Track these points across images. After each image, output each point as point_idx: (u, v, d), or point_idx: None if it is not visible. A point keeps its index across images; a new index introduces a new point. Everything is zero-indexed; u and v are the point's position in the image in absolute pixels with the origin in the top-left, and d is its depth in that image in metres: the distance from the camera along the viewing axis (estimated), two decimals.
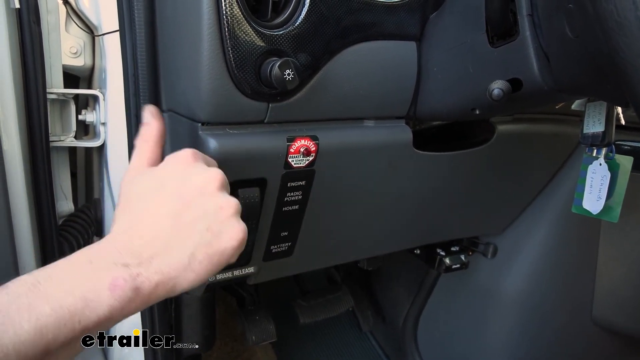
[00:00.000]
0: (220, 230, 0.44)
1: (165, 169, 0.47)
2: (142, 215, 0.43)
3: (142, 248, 0.41)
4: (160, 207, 0.43)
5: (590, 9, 0.39)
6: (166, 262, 0.42)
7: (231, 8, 0.50)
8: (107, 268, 0.39)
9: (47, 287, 0.37)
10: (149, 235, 0.42)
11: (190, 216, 0.43)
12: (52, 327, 0.36)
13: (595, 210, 0.70)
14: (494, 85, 0.53)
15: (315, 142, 0.62)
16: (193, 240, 0.43)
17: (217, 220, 0.44)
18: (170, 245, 0.42)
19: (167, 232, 0.42)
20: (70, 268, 0.39)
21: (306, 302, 1.16)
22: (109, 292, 0.39)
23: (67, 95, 0.78)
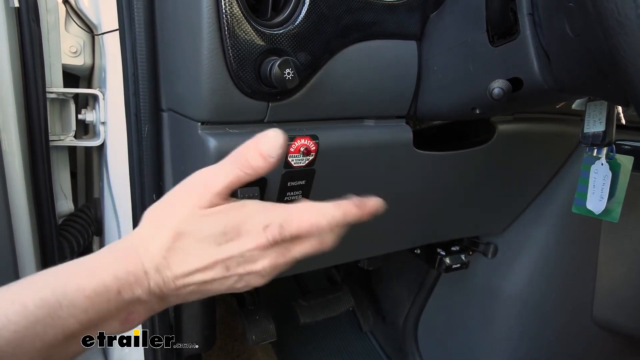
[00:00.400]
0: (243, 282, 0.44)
1: (243, 232, 0.42)
2: (188, 261, 0.41)
3: (169, 291, 0.41)
4: (206, 268, 0.41)
5: (590, 7, 0.39)
6: (180, 297, 0.42)
7: (231, 7, 0.50)
8: (130, 302, 0.38)
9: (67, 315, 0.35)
10: (181, 283, 0.41)
11: (219, 283, 0.43)
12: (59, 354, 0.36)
13: (597, 210, 0.70)
14: (494, 85, 0.53)
15: (315, 142, 0.61)
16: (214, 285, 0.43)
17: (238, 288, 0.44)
18: (190, 292, 0.42)
19: (195, 285, 0.42)
20: (97, 297, 0.37)
21: (306, 302, 1.16)
22: (120, 324, 0.39)
23: (66, 94, 0.78)
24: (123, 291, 0.38)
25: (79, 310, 0.36)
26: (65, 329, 0.35)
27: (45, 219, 0.72)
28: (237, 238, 0.42)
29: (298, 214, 0.44)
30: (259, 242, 0.42)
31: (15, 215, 0.67)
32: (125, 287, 0.38)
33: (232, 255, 0.42)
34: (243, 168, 0.44)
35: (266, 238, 0.42)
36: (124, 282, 0.38)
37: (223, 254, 0.41)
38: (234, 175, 0.44)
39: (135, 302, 0.39)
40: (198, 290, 0.42)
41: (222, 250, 0.41)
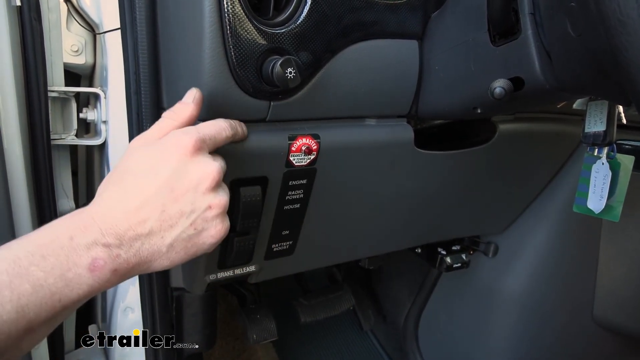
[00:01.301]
0: (203, 227, 0.46)
1: (166, 151, 0.45)
2: (131, 197, 0.43)
3: (125, 231, 0.42)
4: (151, 195, 0.43)
5: (592, 7, 0.39)
6: (145, 247, 0.43)
7: (233, 6, 0.50)
8: (88, 247, 0.40)
9: (28, 264, 0.37)
10: (134, 219, 0.42)
11: (177, 210, 0.44)
12: (33, 305, 0.37)
13: (597, 209, 0.70)
14: (495, 84, 0.53)
15: (317, 141, 0.62)
16: (175, 232, 0.44)
17: (203, 218, 0.45)
18: (153, 232, 0.43)
19: (152, 220, 0.43)
20: (50, 244, 0.39)
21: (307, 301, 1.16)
22: (89, 272, 0.40)
23: (68, 93, 0.78)
24: (75, 237, 0.39)
25: (37, 258, 0.37)
26: (29, 277, 0.37)
27: (47, 217, 0.72)
28: (163, 156, 0.45)
29: (206, 123, 0.49)
30: (184, 149, 0.45)
31: (17, 213, 0.67)
32: (76, 232, 0.40)
33: (166, 174, 0.44)
34: (171, 116, 0.49)
35: (188, 142, 0.45)
36: (74, 229, 0.40)
37: (158, 176, 0.44)
38: (166, 123, 0.49)
39: (93, 246, 0.40)
40: (160, 229, 0.43)
41: (155, 173, 0.44)
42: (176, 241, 0.44)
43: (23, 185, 0.66)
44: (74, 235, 0.40)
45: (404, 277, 1.43)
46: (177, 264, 0.46)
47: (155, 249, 0.44)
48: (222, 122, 0.50)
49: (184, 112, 0.49)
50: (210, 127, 0.48)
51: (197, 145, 0.45)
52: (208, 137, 0.47)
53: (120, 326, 0.85)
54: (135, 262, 0.43)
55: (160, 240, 0.44)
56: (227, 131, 0.49)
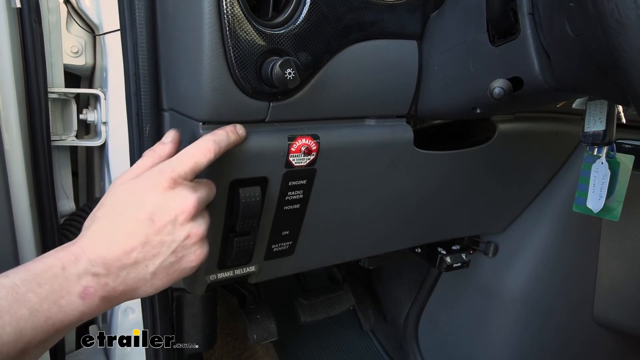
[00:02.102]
0: (183, 254, 0.49)
1: (146, 186, 0.49)
2: (117, 230, 0.47)
3: (112, 261, 0.45)
4: (134, 228, 0.47)
5: (591, 8, 0.39)
6: (131, 276, 0.47)
7: (232, 7, 0.50)
8: (79, 276, 0.44)
9: (25, 291, 0.41)
10: (119, 250, 0.46)
11: (159, 240, 0.48)
12: (30, 329, 0.40)
13: (596, 208, 0.70)
14: (495, 84, 0.53)
15: (316, 141, 0.62)
16: (158, 261, 0.48)
17: (182, 246, 0.49)
18: (138, 262, 0.47)
19: (137, 251, 0.47)
20: (44, 273, 0.42)
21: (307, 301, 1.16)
22: (80, 299, 0.43)
23: (68, 94, 0.78)
24: (67, 267, 0.43)
25: (33, 285, 0.41)
26: (26, 303, 0.40)
27: (47, 218, 0.72)
28: (142, 193, 0.48)
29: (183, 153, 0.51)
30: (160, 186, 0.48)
31: (17, 214, 0.67)
32: (68, 263, 0.44)
33: (147, 209, 0.47)
34: (151, 155, 0.53)
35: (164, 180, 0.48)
36: (66, 260, 0.44)
37: (139, 211, 0.47)
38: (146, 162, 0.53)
39: (84, 276, 0.44)
40: (144, 259, 0.47)
41: (137, 209, 0.47)
42: (159, 269, 0.48)
43: (23, 186, 0.66)
44: (66, 265, 0.43)
45: (404, 276, 1.43)
46: (160, 290, 0.50)
47: (140, 277, 0.47)
48: (202, 146, 0.51)
49: (163, 151, 0.54)
50: (187, 160, 0.50)
51: (171, 182, 0.49)
52: (184, 172, 0.50)
53: (121, 326, 0.85)
54: (122, 290, 0.47)
55: (145, 268, 0.47)
56: (209, 154, 0.51)
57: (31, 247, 0.70)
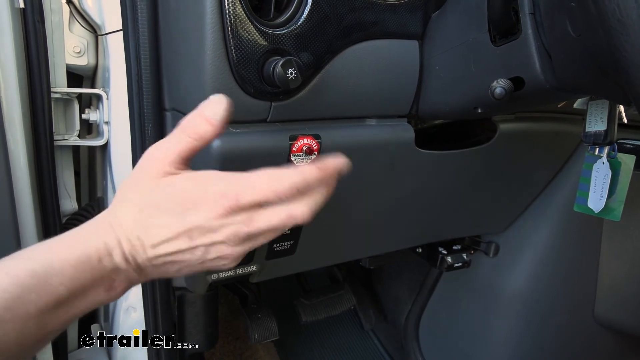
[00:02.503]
0: (210, 265, 0.46)
1: (200, 201, 0.43)
2: (154, 232, 0.43)
3: (142, 261, 0.44)
4: (171, 237, 0.44)
5: (592, 7, 0.39)
6: (156, 272, 0.46)
7: (234, 7, 0.51)
8: (111, 270, 0.43)
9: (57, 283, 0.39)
10: (152, 253, 0.44)
11: (191, 253, 0.45)
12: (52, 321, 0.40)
13: (597, 208, 0.70)
14: (496, 84, 0.53)
15: (318, 141, 0.62)
16: (183, 264, 0.46)
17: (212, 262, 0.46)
18: (165, 264, 0.45)
19: (166, 256, 0.44)
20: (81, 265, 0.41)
21: (308, 301, 1.16)
22: (105, 292, 0.43)
23: (70, 94, 0.79)
24: (103, 260, 0.42)
25: (67, 279, 0.40)
26: (55, 296, 0.39)
27: (50, 217, 0.72)
28: (195, 208, 0.43)
29: (254, 181, 0.44)
30: (217, 212, 0.43)
31: (21, 213, 0.67)
32: (104, 256, 0.42)
33: (192, 225, 0.43)
34: (191, 134, 0.45)
35: (223, 207, 0.43)
36: (103, 252, 0.42)
37: (184, 224, 0.43)
38: (184, 142, 0.45)
39: (115, 270, 0.43)
40: (171, 262, 0.45)
41: (182, 220, 0.43)
42: (184, 269, 0.46)
43: (27, 186, 0.67)
44: (102, 257, 0.42)
45: (405, 276, 1.43)
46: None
47: (163, 272, 0.46)
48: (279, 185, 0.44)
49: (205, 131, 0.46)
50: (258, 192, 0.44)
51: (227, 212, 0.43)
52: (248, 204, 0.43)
53: (123, 325, 0.86)
54: (142, 280, 0.46)
55: (170, 267, 0.46)
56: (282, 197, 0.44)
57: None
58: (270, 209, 0.45)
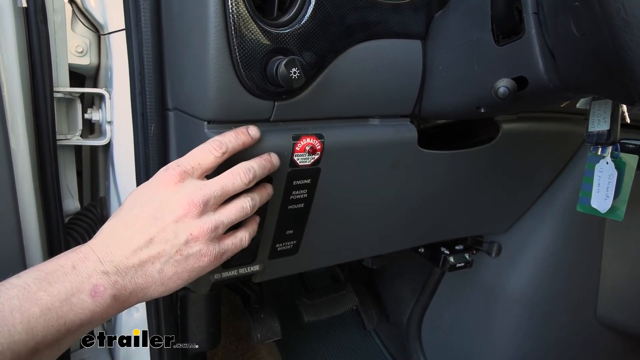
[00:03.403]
0: (188, 253, 0.49)
1: (150, 187, 0.50)
2: (124, 229, 0.48)
3: (120, 259, 0.46)
4: (140, 227, 0.47)
5: (596, 6, 0.39)
6: (139, 274, 0.47)
7: (237, 7, 0.51)
8: (89, 275, 0.44)
9: (36, 289, 0.41)
10: (126, 249, 0.46)
11: (163, 238, 0.48)
12: (41, 327, 0.40)
13: (603, 209, 0.70)
14: (499, 84, 0.53)
15: (321, 141, 0.62)
16: (163, 259, 0.48)
17: (186, 246, 0.48)
18: (143, 261, 0.47)
19: (142, 250, 0.47)
20: (55, 272, 0.43)
21: (310, 301, 1.16)
22: (90, 298, 0.43)
23: (73, 94, 0.79)
24: (77, 266, 0.44)
25: (44, 284, 0.42)
26: (37, 301, 0.40)
27: (53, 217, 0.72)
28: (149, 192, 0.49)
29: (191, 151, 0.52)
30: (166, 182, 0.49)
31: (23, 213, 0.67)
32: (78, 262, 0.44)
33: (152, 206, 0.48)
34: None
35: (169, 176, 0.49)
36: (76, 259, 0.44)
37: (145, 210, 0.48)
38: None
39: (94, 274, 0.44)
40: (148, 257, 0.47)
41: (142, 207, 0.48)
42: (165, 266, 0.48)
43: (29, 185, 0.67)
44: (76, 264, 0.44)
45: (407, 276, 1.43)
46: (173, 290, 0.50)
47: (148, 275, 0.47)
48: (209, 144, 0.52)
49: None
50: (193, 156, 0.51)
51: (176, 178, 0.49)
52: (190, 167, 0.50)
53: (125, 325, 0.86)
54: (132, 289, 0.47)
55: (151, 266, 0.47)
56: (214, 152, 0.51)
57: (37, 245, 0.70)
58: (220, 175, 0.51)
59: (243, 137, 0.54)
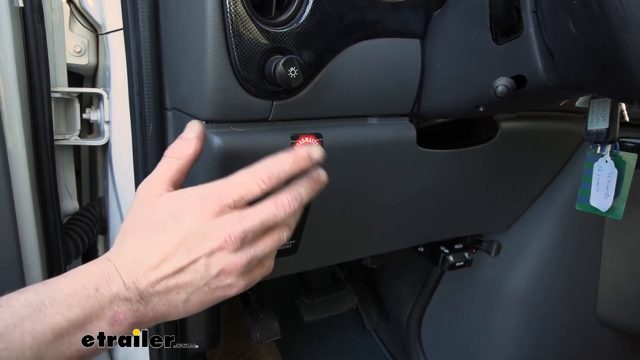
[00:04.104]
0: (217, 286, 0.46)
1: (187, 209, 0.45)
2: (151, 253, 0.44)
3: (145, 287, 0.43)
4: (169, 254, 0.44)
5: (595, 5, 0.39)
6: (162, 303, 0.44)
7: (235, 6, 0.50)
8: (112, 300, 0.41)
9: (53, 313, 0.38)
10: (153, 276, 0.43)
11: (193, 270, 0.44)
12: (51, 354, 0.38)
13: (603, 207, 0.70)
14: (498, 82, 0.53)
15: (320, 140, 0.62)
16: (190, 290, 0.45)
17: (217, 280, 0.46)
18: (169, 290, 0.44)
19: (170, 278, 0.44)
20: (76, 294, 0.40)
21: (310, 300, 1.16)
22: (109, 326, 0.41)
23: (71, 94, 0.78)
24: (101, 288, 0.41)
25: (63, 307, 0.38)
26: (52, 326, 0.38)
27: (50, 218, 0.72)
28: (183, 216, 0.45)
29: (233, 178, 0.47)
30: (205, 214, 0.44)
31: (21, 214, 0.67)
32: (101, 284, 0.41)
33: (185, 233, 0.44)
34: (174, 155, 0.49)
35: (209, 207, 0.45)
36: (100, 280, 0.41)
37: (178, 235, 0.44)
38: (171, 164, 0.49)
39: (116, 300, 0.41)
40: (174, 286, 0.44)
41: (174, 231, 0.44)
42: (191, 297, 0.45)
43: (27, 186, 0.67)
44: (99, 286, 0.41)
45: (407, 276, 1.43)
46: (192, 314, 0.47)
47: (171, 304, 0.45)
48: (257, 176, 0.46)
49: (187, 150, 0.50)
50: (237, 188, 0.46)
51: (216, 211, 0.45)
52: (232, 201, 0.45)
53: None
54: (152, 316, 0.44)
55: (177, 295, 0.45)
56: (262, 185, 0.46)
57: (34, 247, 0.70)
58: (257, 204, 0.47)
59: (302, 164, 0.49)
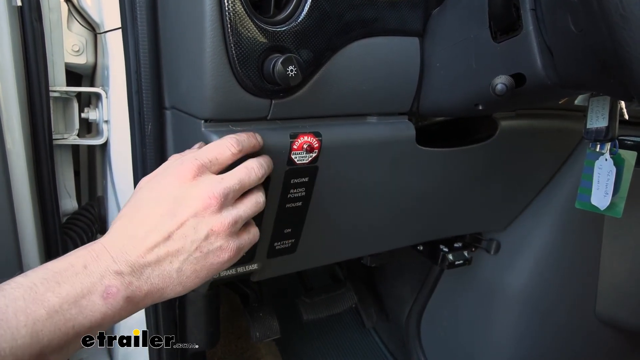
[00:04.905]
0: (209, 249, 0.46)
1: (167, 180, 0.47)
2: (138, 226, 0.45)
3: (135, 258, 0.43)
4: (156, 224, 0.45)
5: (594, 3, 0.39)
6: (156, 274, 0.44)
7: (233, 5, 0.50)
8: (102, 275, 0.41)
9: (44, 290, 0.38)
10: (142, 247, 0.44)
11: (181, 235, 0.45)
12: (47, 331, 0.38)
13: (602, 205, 0.69)
14: (497, 81, 0.53)
15: (318, 139, 0.62)
16: (182, 257, 0.45)
17: (207, 242, 0.46)
18: (161, 259, 0.44)
19: (158, 247, 0.44)
20: (65, 271, 0.40)
21: (309, 299, 1.16)
22: (102, 300, 0.41)
23: (69, 93, 0.78)
24: (89, 265, 0.41)
25: (53, 284, 0.39)
26: (45, 303, 0.38)
27: (49, 217, 0.72)
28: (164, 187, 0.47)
29: (206, 146, 0.51)
30: (183, 176, 0.47)
31: (20, 213, 0.67)
32: (90, 261, 0.42)
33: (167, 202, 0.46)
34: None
35: (186, 170, 0.47)
36: (88, 258, 0.42)
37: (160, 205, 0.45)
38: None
39: (107, 274, 0.41)
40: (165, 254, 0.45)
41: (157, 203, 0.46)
42: (184, 265, 0.45)
43: (26, 185, 0.67)
44: (87, 263, 0.41)
45: (406, 274, 1.43)
46: (191, 289, 0.47)
47: (165, 274, 0.45)
48: (226, 140, 0.50)
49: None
50: (210, 150, 0.49)
51: (194, 171, 0.47)
52: (208, 160, 0.48)
53: (125, 325, 0.86)
54: (148, 290, 0.44)
55: (169, 265, 0.45)
56: (232, 148, 0.50)
57: (34, 246, 0.70)
58: (234, 169, 0.50)
59: (254, 140, 0.53)
